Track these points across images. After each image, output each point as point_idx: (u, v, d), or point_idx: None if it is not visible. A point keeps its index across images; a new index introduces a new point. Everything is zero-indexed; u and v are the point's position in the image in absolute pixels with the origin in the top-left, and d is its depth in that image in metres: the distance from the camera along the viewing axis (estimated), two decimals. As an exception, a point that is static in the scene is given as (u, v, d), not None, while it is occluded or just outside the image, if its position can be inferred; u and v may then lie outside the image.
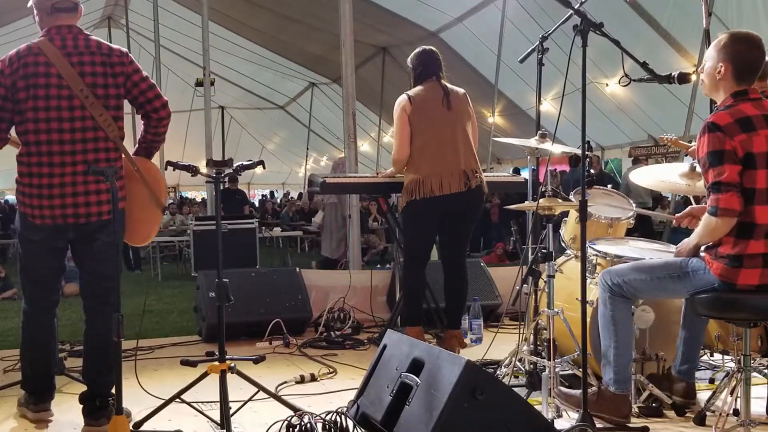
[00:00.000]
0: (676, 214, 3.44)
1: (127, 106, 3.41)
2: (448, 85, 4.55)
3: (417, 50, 4.66)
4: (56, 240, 3.23)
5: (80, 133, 3.15)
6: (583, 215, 3.02)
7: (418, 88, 4.52)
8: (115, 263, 3.14)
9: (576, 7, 3.08)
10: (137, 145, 3.42)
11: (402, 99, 4.48)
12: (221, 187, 3.29)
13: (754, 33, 2.99)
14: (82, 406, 3.27)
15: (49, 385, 3.37)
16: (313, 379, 4.04)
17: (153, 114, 3.32)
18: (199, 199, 24.39)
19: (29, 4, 3.32)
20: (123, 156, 3.27)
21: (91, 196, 3.18)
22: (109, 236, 3.20)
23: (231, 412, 3.07)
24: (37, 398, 3.33)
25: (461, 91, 4.59)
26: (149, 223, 3.38)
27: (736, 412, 2.99)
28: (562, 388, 3.39)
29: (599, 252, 3.68)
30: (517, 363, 3.70)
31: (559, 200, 3.46)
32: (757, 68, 2.96)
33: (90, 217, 3.19)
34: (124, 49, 3.30)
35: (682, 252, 3.09)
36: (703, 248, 3.04)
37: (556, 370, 3.32)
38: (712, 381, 3.83)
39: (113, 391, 3.21)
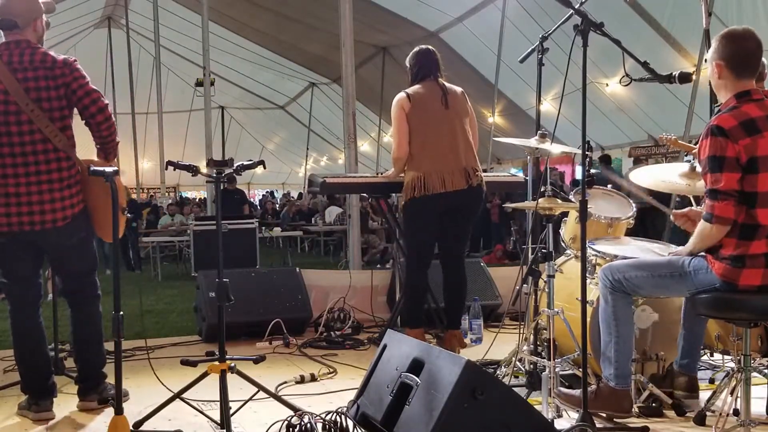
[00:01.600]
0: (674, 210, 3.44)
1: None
2: (447, 84, 4.56)
3: (415, 50, 4.67)
4: (19, 245, 3.39)
5: (30, 146, 3.30)
6: (583, 215, 3.02)
7: (417, 86, 4.53)
8: (90, 259, 3.47)
9: (576, 7, 3.08)
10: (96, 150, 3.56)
11: (400, 97, 4.48)
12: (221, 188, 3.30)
13: (743, 27, 2.98)
14: (77, 386, 3.53)
15: (45, 384, 3.45)
16: (313, 379, 4.03)
17: (91, 120, 3.42)
18: (197, 200, 24.37)
19: None
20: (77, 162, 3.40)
21: (45, 205, 3.33)
22: (72, 237, 3.41)
23: (231, 412, 3.08)
24: (37, 398, 3.41)
25: (459, 89, 4.59)
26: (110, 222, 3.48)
27: (736, 412, 2.99)
28: (562, 389, 3.39)
29: (599, 252, 3.68)
30: (517, 363, 3.70)
31: (559, 200, 3.46)
32: (751, 59, 2.93)
33: (44, 224, 3.34)
34: (71, 59, 3.42)
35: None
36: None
37: (556, 370, 3.32)
38: (712, 381, 3.82)
39: (104, 371, 3.53)
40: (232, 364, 3.15)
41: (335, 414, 2.87)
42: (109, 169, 3.00)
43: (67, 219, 3.35)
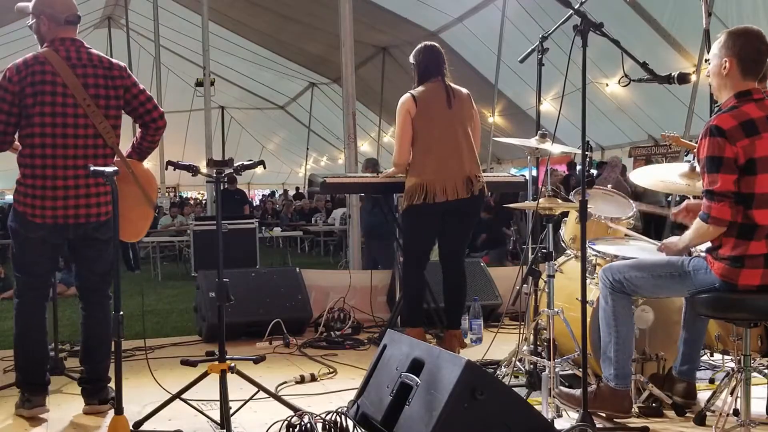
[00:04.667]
0: (673, 209, 3.44)
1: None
2: (453, 86, 4.51)
3: (419, 46, 4.59)
4: (54, 238, 3.42)
5: (82, 139, 3.37)
6: (583, 215, 3.02)
7: (422, 88, 4.46)
8: (113, 258, 3.36)
9: (576, 7, 3.08)
10: (130, 149, 3.62)
11: (406, 99, 4.41)
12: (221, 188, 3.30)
13: (752, 26, 2.98)
14: (81, 388, 3.52)
15: (41, 379, 3.47)
16: (313, 379, 4.04)
17: (152, 124, 3.56)
18: (200, 200, 24.37)
19: (21, 6, 3.50)
20: (117, 159, 3.48)
21: (91, 198, 3.40)
22: (105, 234, 3.46)
23: (231, 412, 3.08)
24: (30, 393, 3.42)
25: (465, 91, 4.55)
26: (141, 220, 3.57)
27: (736, 412, 2.99)
28: (563, 388, 3.39)
29: (599, 252, 3.68)
30: (517, 363, 3.70)
31: (559, 200, 3.46)
32: (761, 59, 2.93)
33: (89, 218, 3.40)
34: (123, 64, 3.55)
35: (669, 249, 3.11)
36: (704, 249, 3.05)
37: (556, 370, 3.32)
38: (712, 381, 3.83)
39: (110, 374, 3.47)
40: (232, 364, 3.15)
41: (335, 414, 2.87)
42: (109, 170, 2.99)
43: (109, 215, 3.40)
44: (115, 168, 3.09)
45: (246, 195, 14.32)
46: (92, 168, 3.05)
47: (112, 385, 3.40)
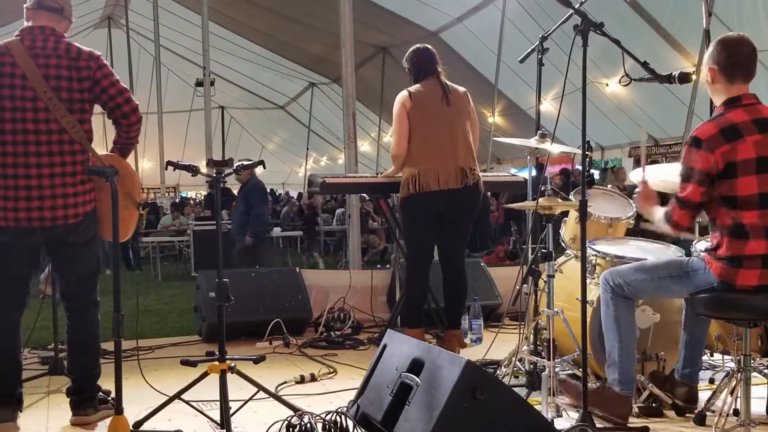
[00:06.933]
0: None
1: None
2: (449, 83, 4.56)
3: (411, 49, 4.67)
4: (21, 243, 3.18)
5: (45, 135, 3.12)
6: (583, 215, 3.03)
7: (418, 85, 4.53)
8: (93, 262, 3.26)
9: (576, 6, 3.08)
10: (112, 145, 3.40)
11: (402, 95, 4.50)
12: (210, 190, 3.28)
13: (738, 33, 3.05)
14: (69, 399, 3.33)
15: (10, 390, 3.20)
16: (313, 379, 4.04)
17: (122, 120, 3.28)
18: (193, 199, 24.34)
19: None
20: (92, 156, 3.23)
21: (57, 200, 3.14)
22: (80, 237, 3.22)
23: (231, 412, 3.08)
24: (3, 401, 3.17)
25: (462, 89, 4.59)
26: (125, 220, 3.29)
27: (736, 412, 2.99)
28: (568, 379, 3.39)
29: (598, 252, 3.67)
30: (517, 363, 3.70)
31: (559, 200, 3.46)
32: (742, 62, 2.97)
33: (56, 221, 3.15)
34: (97, 53, 3.25)
35: (644, 200, 3.24)
36: (703, 249, 3.07)
37: (556, 370, 3.31)
38: (712, 381, 3.82)
39: (99, 383, 3.35)
40: (232, 364, 3.15)
41: (335, 414, 2.87)
42: (108, 169, 2.95)
43: (79, 216, 3.17)
44: (114, 167, 3.04)
45: (263, 188, 14.28)
46: (90, 167, 2.99)
47: (110, 387, 3.30)
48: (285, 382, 3.94)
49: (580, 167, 3.45)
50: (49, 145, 3.13)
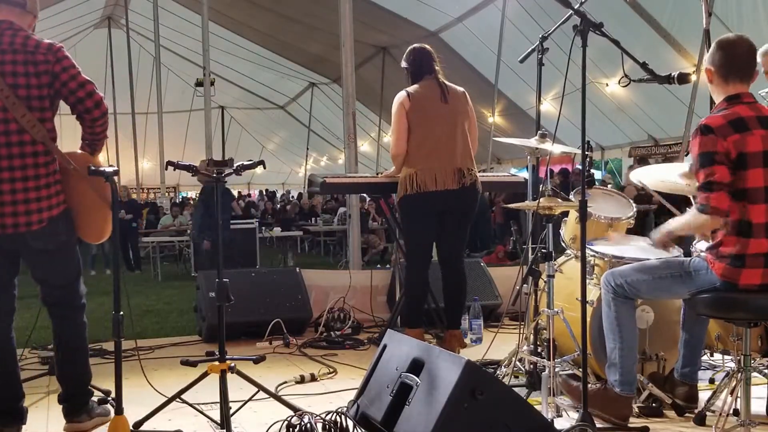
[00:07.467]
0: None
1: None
2: (447, 83, 4.56)
3: (409, 49, 4.68)
4: None
5: (3, 137, 2.94)
6: (583, 215, 3.02)
7: (416, 85, 4.53)
8: (71, 268, 3.11)
9: (576, 7, 3.08)
10: (81, 142, 3.21)
11: (401, 95, 4.50)
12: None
13: (736, 34, 3.06)
14: (61, 406, 3.24)
15: (12, 406, 3.10)
16: (313, 379, 4.03)
17: (86, 115, 3.08)
18: (193, 200, 24.32)
19: None
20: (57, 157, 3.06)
21: (18, 206, 2.96)
22: (49, 244, 3.05)
23: (231, 412, 3.07)
24: (1, 424, 3.06)
25: (460, 89, 4.59)
26: (99, 220, 3.17)
27: (736, 412, 2.99)
28: (570, 380, 3.39)
29: (599, 252, 3.67)
30: (517, 363, 3.70)
31: (559, 200, 3.46)
32: (739, 62, 2.98)
33: (17, 227, 2.97)
34: (57, 45, 3.04)
35: (659, 239, 3.13)
36: (704, 248, 3.05)
37: (556, 370, 3.31)
38: (712, 381, 3.82)
39: (98, 384, 3.28)
40: (232, 364, 3.15)
41: (335, 414, 2.87)
42: (109, 169, 2.92)
43: (43, 222, 2.98)
44: (114, 168, 3.02)
45: (230, 192, 14.29)
46: (91, 168, 2.91)
47: (110, 387, 3.28)
48: (285, 382, 3.94)
49: (580, 167, 3.44)
50: (9, 148, 2.94)
